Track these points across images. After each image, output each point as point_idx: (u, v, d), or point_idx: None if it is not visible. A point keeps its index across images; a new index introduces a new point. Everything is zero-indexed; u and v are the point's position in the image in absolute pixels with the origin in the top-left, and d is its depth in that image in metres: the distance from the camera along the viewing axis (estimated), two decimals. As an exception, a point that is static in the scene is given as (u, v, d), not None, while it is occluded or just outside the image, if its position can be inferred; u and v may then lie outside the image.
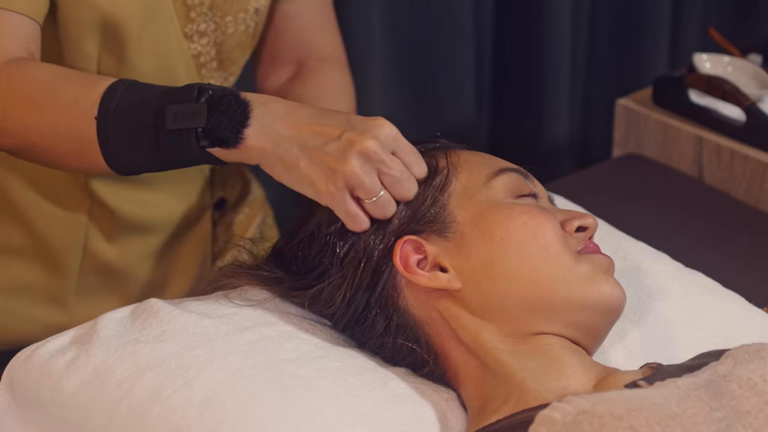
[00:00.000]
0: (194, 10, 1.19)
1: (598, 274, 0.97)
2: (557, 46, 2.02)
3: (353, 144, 0.94)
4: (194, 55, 1.22)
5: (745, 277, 1.33)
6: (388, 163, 0.95)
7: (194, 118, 0.97)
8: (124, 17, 1.13)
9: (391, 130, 0.96)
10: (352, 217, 0.97)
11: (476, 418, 0.96)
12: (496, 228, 0.97)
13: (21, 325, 1.28)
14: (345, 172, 0.94)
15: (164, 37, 1.18)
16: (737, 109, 1.59)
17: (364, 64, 1.83)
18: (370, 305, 0.99)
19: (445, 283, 0.97)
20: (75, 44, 1.14)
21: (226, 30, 1.24)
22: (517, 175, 1.02)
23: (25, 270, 1.28)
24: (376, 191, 0.95)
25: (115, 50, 1.15)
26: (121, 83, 1.03)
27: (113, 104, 1.01)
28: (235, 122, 0.97)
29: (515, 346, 0.96)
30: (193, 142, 0.98)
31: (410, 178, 0.97)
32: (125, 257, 1.29)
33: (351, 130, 0.95)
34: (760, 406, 0.84)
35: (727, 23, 2.30)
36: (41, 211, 1.24)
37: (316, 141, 0.96)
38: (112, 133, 1.01)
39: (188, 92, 0.99)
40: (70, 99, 1.03)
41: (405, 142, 0.97)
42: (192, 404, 0.94)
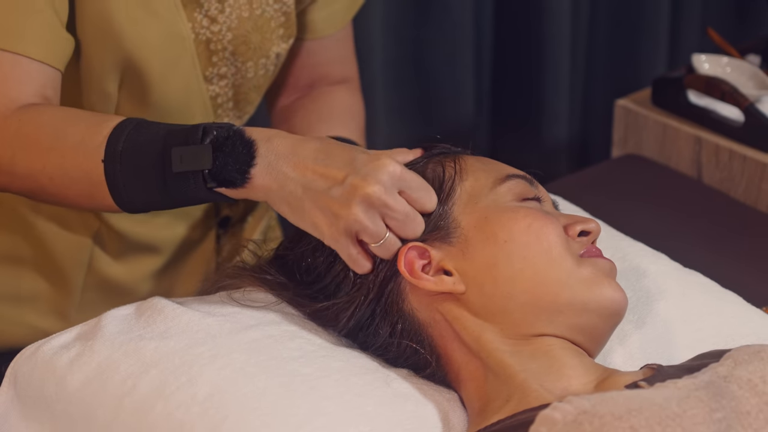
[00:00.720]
0: (216, 55, 1.20)
1: (600, 277, 0.97)
2: (557, 47, 2.02)
3: (356, 190, 0.93)
4: (212, 96, 1.22)
5: (743, 277, 1.34)
6: (392, 206, 0.94)
7: (200, 160, 0.97)
8: (148, 59, 1.13)
9: (395, 169, 0.95)
10: (354, 262, 0.97)
11: (477, 418, 0.96)
12: (500, 230, 0.97)
13: (23, 332, 1.28)
14: (348, 219, 0.94)
15: (185, 80, 1.18)
16: (736, 110, 1.60)
17: (364, 64, 1.83)
18: (375, 314, 1.00)
19: (450, 287, 0.97)
20: (96, 84, 1.15)
21: (246, 74, 1.24)
22: (522, 181, 1.02)
23: (31, 281, 1.28)
24: (381, 235, 0.95)
25: (135, 90, 1.16)
26: (127, 123, 1.03)
27: (119, 146, 1.01)
28: (241, 163, 0.97)
29: (517, 348, 0.96)
30: (200, 183, 0.98)
31: (415, 217, 0.96)
32: (129, 275, 1.30)
33: (354, 173, 0.94)
34: (760, 407, 0.85)
35: (726, 24, 2.31)
36: (48, 229, 1.25)
37: (321, 184, 0.95)
38: (120, 175, 1.01)
39: (193, 133, 0.99)
40: (77, 141, 1.03)
41: (411, 177, 0.96)
42: (195, 401, 0.94)
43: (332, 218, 0.95)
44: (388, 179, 0.94)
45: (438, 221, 0.99)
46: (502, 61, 2.08)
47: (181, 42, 1.16)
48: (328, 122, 1.29)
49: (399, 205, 0.95)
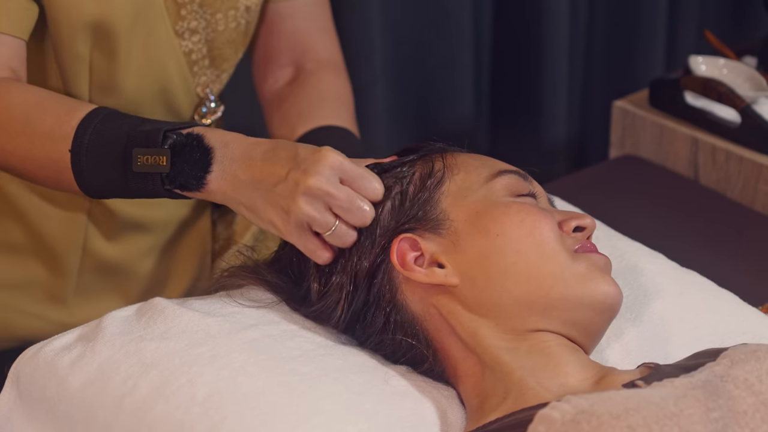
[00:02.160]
0: (184, 8, 1.20)
1: (594, 272, 0.97)
2: (555, 48, 2.02)
3: (298, 184, 0.96)
4: (185, 52, 1.23)
5: (739, 277, 1.34)
6: (335, 194, 0.96)
7: (158, 163, 1.01)
8: (114, 17, 1.14)
9: (335, 159, 0.97)
10: (312, 253, 0.99)
11: (475, 415, 0.96)
12: (492, 224, 0.98)
13: (24, 321, 1.29)
14: (296, 213, 0.97)
15: (155, 35, 1.19)
16: (732, 111, 1.60)
17: (364, 65, 1.83)
18: (368, 303, 1.00)
19: (442, 279, 0.97)
20: (66, 46, 1.16)
21: (217, 27, 1.25)
22: (516, 177, 1.03)
23: (27, 267, 1.28)
24: (329, 225, 0.97)
25: (107, 50, 1.17)
26: (94, 114, 1.06)
27: (86, 139, 1.04)
28: (197, 169, 1.01)
29: (513, 344, 0.96)
30: (159, 184, 1.02)
31: (360, 204, 0.98)
32: (125, 256, 1.30)
33: (296, 168, 0.97)
34: (756, 406, 0.85)
35: (723, 26, 2.31)
36: (40, 211, 1.26)
37: (268, 182, 0.98)
38: (85, 167, 1.05)
39: (154, 136, 1.02)
40: (46, 130, 1.06)
41: (351, 167, 0.98)
42: (195, 401, 0.94)
43: (283, 214, 0.97)
44: (327, 170, 0.96)
45: (426, 210, 1.00)
46: (500, 62, 2.08)
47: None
48: (319, 110, 1.30)
49: (341, 193, 0.97)
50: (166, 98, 1.24)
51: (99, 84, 1.19)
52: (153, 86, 1.22)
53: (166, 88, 1.23)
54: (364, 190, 0.99)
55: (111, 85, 1.19)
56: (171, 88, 1.23)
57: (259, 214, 0.99)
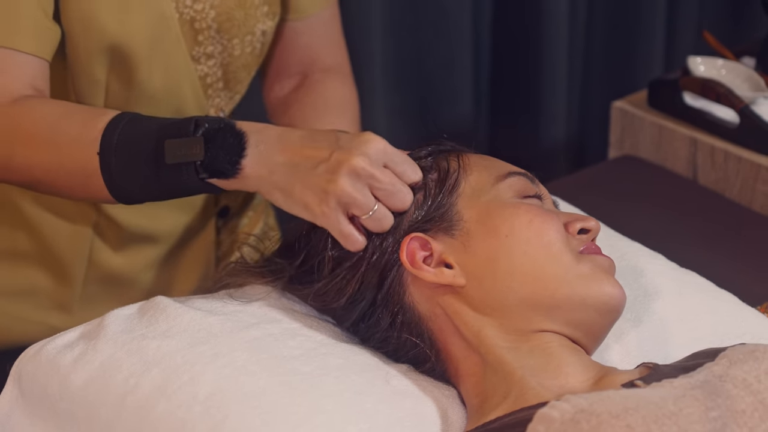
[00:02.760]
0: (202, 34, 1.20)
1: (599, 273, 0.98)
2: (554, 49, 2.02)
3: (342, 163, 0.95)
4: (201, 76, 1.23)
5: (738, 277, 1.34)
6: (379, 177, 0.96)
7: (192, 152, 0.99)
8: (133, 42, 1.14)
9: (379, 143, 0.97)
10: (346, 237, 0.98)
11: (476, 414, 0.97)
12: (501, 225, 0.98)
13: (28, 328, 1.28)
14: (336, 192, 0.95)
15: (172, 60, 1.19)
16: (731, 111, 1.61)
17: (364, 66, 1.84)
18: (376, 303, 1.01)
19: (450, 279, 0.98)
20: (84, 70, 1.16)
21: (233, 52, 1.25)
22: (523, 178, 1.03)
23: (33, 275, 1.29)
24: (369, 206, 0.96)
25: (124, 74, 1.17)
26: (121, 117, 1.05)
27: (114, 139, 1.03)
28: (232, 154, 0.99)
29: (515, 344, 0.97)
30: (193, 174, 1.00)
31: (402, 188, 0.98)
32: (130, 266, 1.30)
33: (339, 149, 0.96)
34: (754, 406, 0.85)
35: (721, 27, 2.31)
36: (48, 223, 1.26)
37: (308, 164, 0.97)
38: (115, 167, 1.03)
39: (185, 126, 1.01)
40: (73, 136, 1.05)
41: (395, 152, 0.98)
42: (197, 399, 0.95)
43: (321, 195, 0.96)
44: (373, 151, 0.96)
45: (442, 212, 1.00)
46: (500, 63, 2.09)
47: (165, 22, 1.16)
48: (323, 115, 1.30)
49: (385, 176, 0.96)
50: None
51: (114, 108, 1.18)
52: (167, 110, 1.21)
53: (179, 111, 1.23)
54: (407, 174, 0.99)
55: (125, 108, 1.19)
56: (184, 111, 1.23)
57: (294, 197, 0.98)
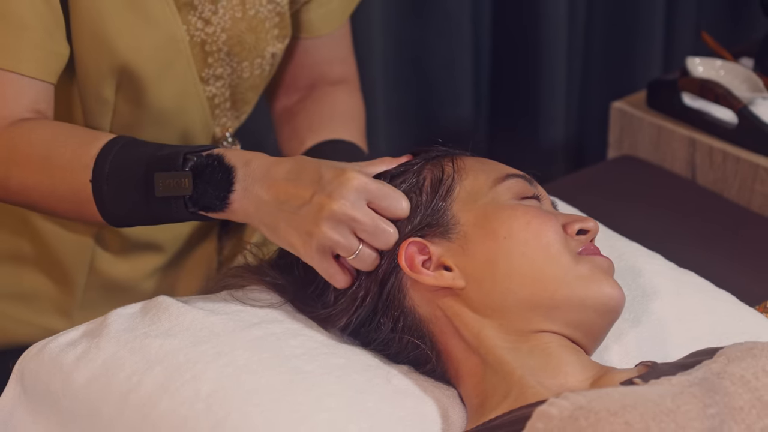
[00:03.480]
0: (212, 56, 1.21)
1: (598, 274, 0.98)
2: (553, 50, 2.03)
3: (323, 208, 0.95)
4: (209, 97, 1.24)
5: (737, 277, 1.35)
6: (360, 219, 0.96)
7: (180, 186, 1.01)
8: (143, 63, 1.15)
9: (359, 182, 0.96)
10: (331, 277, 0.99)
11: (476, 414, 0.97)
12: (499, 227, 0.99)
13: (28, 331, 1.29)
14: (319, 237, 0.96)
15: (181, 81, 1.19)
16: (729, 112, 1.61)
17: (365, 67, 1.83)
18: (377, 310, 1.01)
19: (450, 282, 0.98)
20: (92, 89, 1.16)
21: (242, 74, 1.25)
22: (521, 180, 1.03)
23: (35, 280, 1.29)
24: (353, 249, 0.97)
25: (132, 94, 1.17)
26: (113, 144, 1.06)
27: (106, 167, 1.04)
28: (220, 189, 1.00)
29: (515, 344, 0.97)
30: (182, 207, 1.02)
31: (385, 228, 0.98)
32: (131, 273, 1.31)
33: (320, 191, 0.96)
34: (752, 403, 0.86)
35: (720, 28, 2.32)
36: (50, 230, 1.26)
37: (292, 204, 0.97)
38: (107, 195, 1.05)
39: (174, 160, 1.02)
40: (67, 161, 1.06)
41: (377, 187, 0.97)
42: (199, 397, 0.95)
43: (305, 237, 0.97)
44: (352, 193, 0.96)
45: (437, 217, 1.00)
46: (499, 64, 2.09)
47: (175, 45, 1.17)
48: (329, 125, 1.30)
49: (366, 218, 0.96)
50: (185, 140, 1.24)
51: (120, 126, 1.20)
52: (174, 129, 1.22)
53: (186, 130, 1.23)
54: (392, 210, 0.99)
55: (132, 127, 1.20)
56: (191, 131, 1.24)
57: (279, 234, 0.99)
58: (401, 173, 1.03)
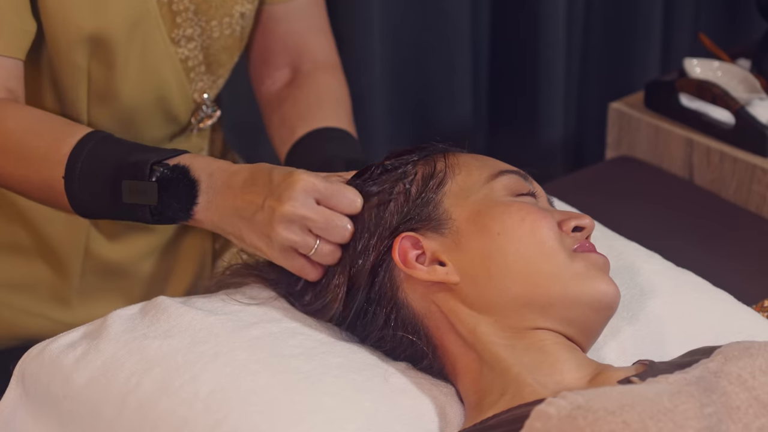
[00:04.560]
0: (180, 16, 1.22)
1: (593, 271, 0.98)
2: (552, 51, 2.03)
3: (274, 211, 0.99)
4: (182, 59, 1.24)
5: (734, 276, 1.35)
6: (311, 216, 0.99)
7: (146, 196, 1.04)
8: (111, 29, 1.16)
9: (306, 182, 0.99)
10: (301, 272, 1.02)
11: (473, 411, 0.97)
12: (493, 223, 0.99)
13: (27, 320, 1.30)
14: (277, 238, 1.00)
15: (151, 43, 1.20)
16: (726, 113, 1.61)
17: (364, 67, 1.84)
18: (370, 301, 1.02)
19: (443, 277, 0.98)
20: (64, 58, 1.17)
21: (212, 34, 1.26)
22: (517, 177, 1.04)
23: (31, 268, 1.30)
24: (310, 246, 1.00)
25: (104, 60, 1.18)
26: (86, 141, 1.08)
27: (77, 167, 1.07)
28: (184, 202, 1.04)
29: (511, 341, 0.97)
30: (147, 214, 1.05)
31: (338, 223, 1.00)
32: (127, 257, 1.32)
33: (270, 195, 1.00)
34: (749, 402, 0.86)
35: (717, 29, 2.32)
36: (43, 215, 1.27)
37: (248, 211, 1.01)
38: (79, 193, 1.08)
39: (141, 169, 1.04)
40: (40, 155, 1.09)
41: (324, 186, 1.00)
42: (198, 397, 0.96)
43: (266, 240, 1.01)
44: (300, 194, 0.99)
45: (428, 210, 1.01)
46: (498, 65, 2.09)
47: (143, 5, 1.17)
48: (318, 111, 1.31)
49: (316, 215, 0.99)
50: (163, 105, 1.25)
51: (97, 93, 1.21)
52: (150, 94, 1.23)
53: (163, 95, 1.24)
54: (342, 206, 1.01)
55: (109, 93, 1.21)
56: (168, 95, 1.25)
57: (245, 241, 1.03)
58: (394, 168, 1.04)
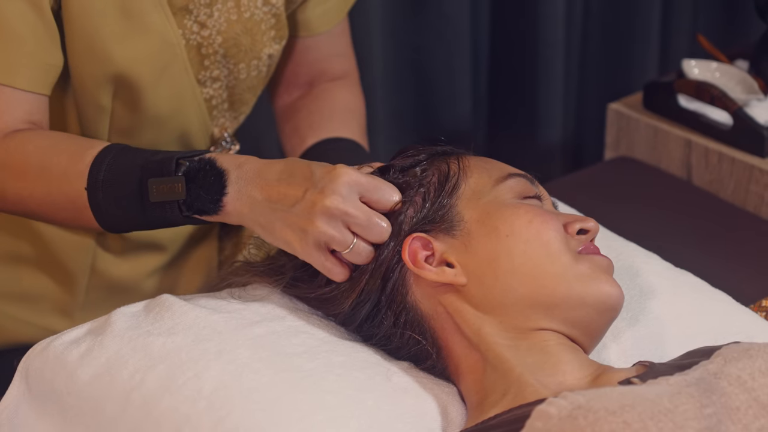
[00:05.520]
0: (208, 59, 1.22)
1: (597, 273, 0.99)
2: (551, 52, 2.03)
3: (315, 204, 0.97)
4: (206, 99, 1.24)
5: (732, 277, 1.36)
6: (353, 213, 0.98)
7: (174, 191, 1.03)
8: (139, 70, 1.16)
9: (350, 177, 0.98)
10: (329, 271, 1.01)
11: (475, 411, 0.98)
12: (501, 225, 0.99)
13: (30, 332, 1.29)
14: (314, 232, 0.98)
15: (178, 85, 1.20)
16: (725, 114, 1.62)
17: (365, 69, 1.84)
18: (380, 304, 1.02)
19: (451, 278, 0.99)
20: (89, 96, 1.17)
21: (239, 76, 1.26)
22: (523, 180, 1.04)
23: (36, 281, 1.30)
24: (348, 243, 0.99)
25: (129, 100, 1.18)
26: (107, 151, 1.07)
27: (101, 175, 1.06)
28: (213, 193, 1.02)
29: (515, 341, 0.98)
30: (176, 211, 1.04)
31: (378, 221, 0.99)
32: (133, 273, 1.32)
33: (313, 188, 0.98)
34: (749, 403, 0.86)
35: (715, 31, 2.33)
36: (51, 231, 1.27)
37: (285, 203, 0.99)
38: (103, 202, 1.06)
39: (167, 165, 1.03)
40: (62, 171, 1.08)
41: (367, 182, 0.99)
42: (201, 395, 0.96)
43: (300, 234, 0.99)
44: (344, 188, 0.97)
45: (442, 213, 1.01)
46: (498, 66, 2.10)
47: (171, 49, 1.17)
48: (330, 123, 1.31)
49: (359, 212, 0.98)
50: (183, 141, 1.25)
51: (118, 132, 1.21)
52: (172, 131, 1.23)
53: (184, 132, 1.24)
54: (384, 203, 1.00)
55: (130, 132, 1.21)
56: (189, 132, 1.25)
57: (275, 234, 1.01)
58: (409, 167, 1.05)
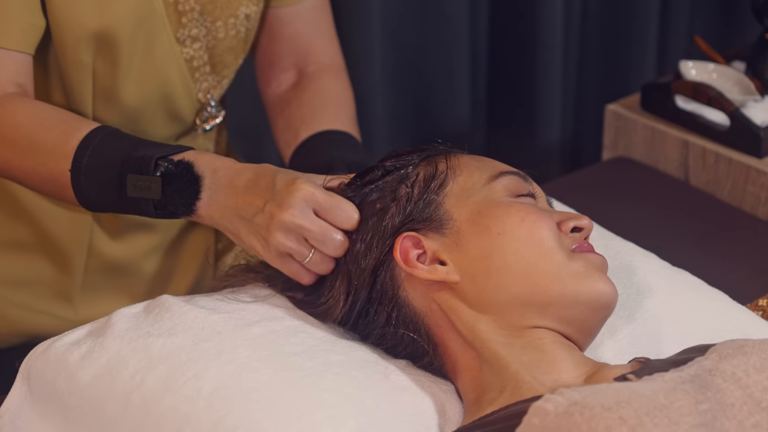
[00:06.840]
0: (185, 16, 1.23)
1: (591, 271, 0.99)
2: (549, 54, 2.03)
3: (273, 217, 1.01)
4: (187, 59, 1.25)
5: (729, 276, 1.35)
6: (308, 227, 1.01)
7: (150, 190, 1.06)
8: (117, 27, 1.17)
9: (306, 192, 1.01)
10: (295, 275, 1.04)
11: (472, 408, 0.98)
12: (493, 223, 1.00)
13: (31, 317, 1.31)
14: (274, 243, 1.02)
15: (156, 42, 1.21)
16: (722, 114, 1.62)
17: (364, 70, 1.85)
18: (371, 300, 1.03)
19: (444, 276, 0.99)
20: (70, 56, 1.19)
21: (217, 35, 1.27)
22: (516, 178, 1.05)
23: (35, 265, 1.31)
24: (305, 255, 1.02)
25: (109, 58, 1.19)
26: (93, 135, 1.10)
27: (84, 160, 1.09)
28: (187, 197, 1.05)
29: (510, 339, 0.98)
30: (150, 209, 1.07)
31: (334, 236, 1.02)
32: (130, 255, 1.33)
33: (272, 200, 1.01)
34: (743, 399, 0.86)
35: (713, 32, 2.33)
36: (47, 213, 1.28)
37: (249, 212, 1.03)
38: (84, 186, 1.09)
39: (146, 163, 1.06)
40: (48, 149, 1.11)
41: (324, 198, 1.01)
42: (201, 395, 0.97)
43: (263, 242, 1.03)
44: (300, 203, 1.00)
45: (430, 211, 1.02)
46: (496, 67, 2.10)
47: (149, 4, 1.19)
48: (322, 115, 1.32)
49: (314, 226, 1.01)
50: (168, 104, 1.26)
51: (102, 91, 1.22)
52: (155, 93, 1.24)
53: (168, 94, 1.25)
54: (338, 220, 1.02)
55: (114, 92, 1.22)
56: (173, 95, 1.26)
57: (242, 239, 1.05)
58: (395, 169, 1.05)
